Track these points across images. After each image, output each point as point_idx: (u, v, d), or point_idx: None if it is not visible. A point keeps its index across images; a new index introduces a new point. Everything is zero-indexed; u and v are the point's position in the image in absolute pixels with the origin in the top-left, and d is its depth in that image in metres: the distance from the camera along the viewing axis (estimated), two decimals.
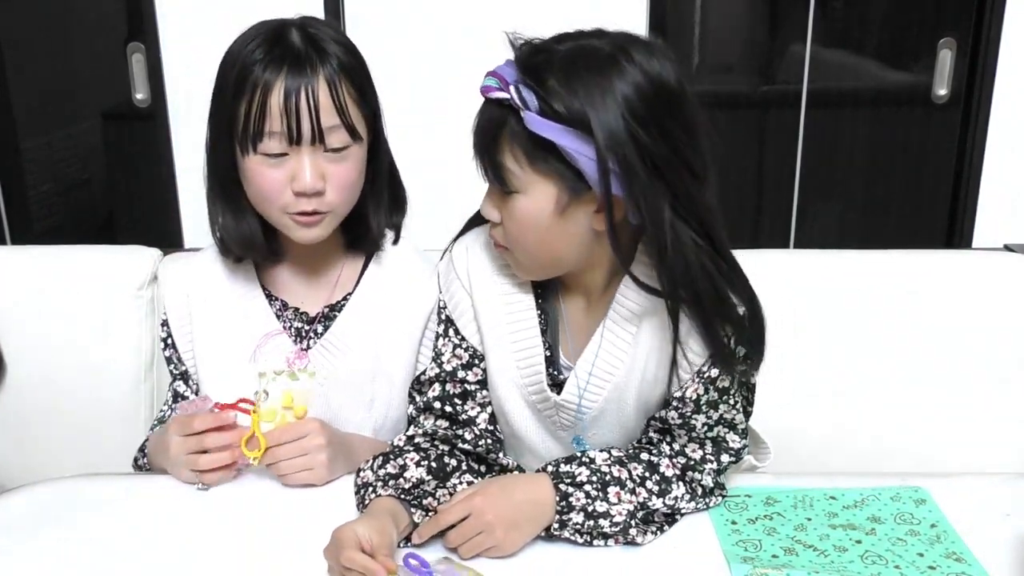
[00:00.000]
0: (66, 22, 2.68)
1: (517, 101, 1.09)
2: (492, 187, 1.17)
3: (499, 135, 1.12)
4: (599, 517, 1.13)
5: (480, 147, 1.15)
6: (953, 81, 2.61)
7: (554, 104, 1.08)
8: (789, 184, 2.72)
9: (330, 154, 1.27)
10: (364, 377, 1.39)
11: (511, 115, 1.10)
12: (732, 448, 1.23)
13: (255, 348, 1.39)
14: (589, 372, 1.22)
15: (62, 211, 2.86)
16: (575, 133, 1.08)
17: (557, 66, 1.09)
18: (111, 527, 1.21)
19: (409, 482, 1.17)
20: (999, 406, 1.60)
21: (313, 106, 1.24)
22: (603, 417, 1.24)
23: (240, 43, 1.28)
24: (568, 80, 1.08)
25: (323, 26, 1.32)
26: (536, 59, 1.11)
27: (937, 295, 1.61)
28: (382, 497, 1.16)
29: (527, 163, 1.11)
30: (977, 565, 1.10)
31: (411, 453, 1.21)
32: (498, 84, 1.11)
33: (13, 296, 1.62)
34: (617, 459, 1.18)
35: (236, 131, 1.26)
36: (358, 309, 1.40)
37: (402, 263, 1.43)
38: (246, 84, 1.24)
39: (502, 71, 1.12)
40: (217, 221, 1.37)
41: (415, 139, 2.53)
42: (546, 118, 1.08)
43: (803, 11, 2.60)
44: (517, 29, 1.17)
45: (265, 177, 1.27)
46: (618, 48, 1.10)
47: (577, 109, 1.07)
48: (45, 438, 1.63)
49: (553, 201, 1.13)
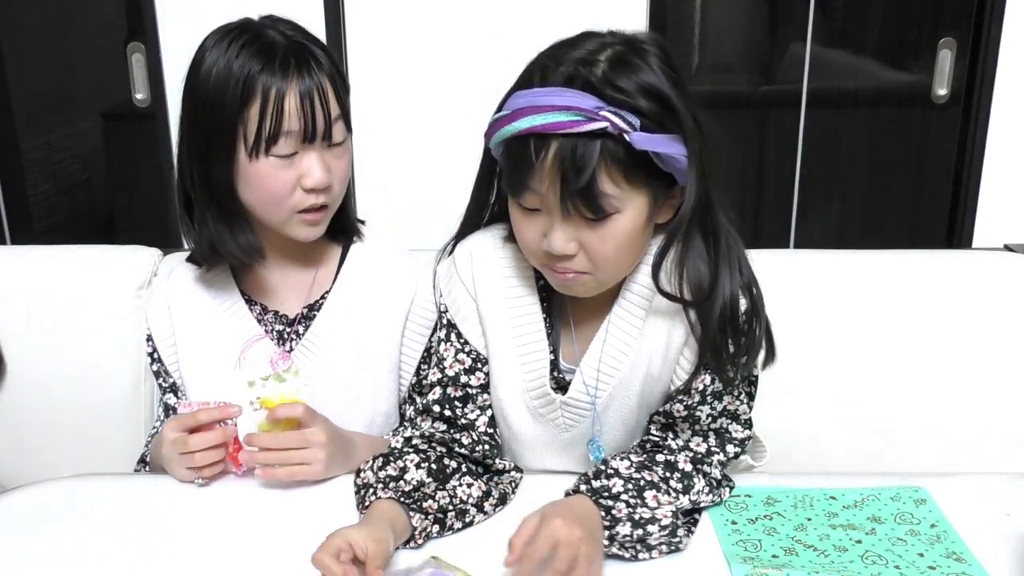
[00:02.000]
0: (66, 22, 2.68)
1: (622, 126, 1.05)
2: (571, 219, 1.10)
3: (595, 166, 1.06)
4: (646, 524, 1.11)
5: (567, 184, 1.07)
6: (953, 81, 2.61)
7: (652, 116, 1.07)
8: (789, 184, 2.72)
9: (333, 149, 1.31)
10: (348, 372, 1.39)
11: (605, 141, 1.06)
12: (737, 439, 1.23)
13: (239, 354, 1.40)
14: (596, 369, 1.22)
15: (62, 211, 2.87)
16: (673, 136, 1.08)
17: (622, 75, 1.07)
18: (111, 527, 1.21)
19: (410, 484, 1.16)
20: (999, 406, 1.60)
21: (324, 103, 1.28)
22: (607, 413, 1.25)
23: (219, 56, 1.28)
24: (642, 88, 1.07)
25: (291, 22, 1.34)
26: (595, 74, 1.07)
27: (937, 295, 1.61)
28: (382, 500, 1.15)
29: (625, 181, 1.08)
30: (977, 565, 1.10)
31: (411, 455, 1.20)
32: (582, 116, 1.05)
33: (13, 296, 1.62)
34: (638, 464, 1.17)
35: (246, 139, 1.27)
36: (337, 306, 1.41)
37: (377, 255, 1.44)
38: (254, 92, 1.26)
39: (571, 100, 1.06)
40: (205, 232, 1.36)
41: (415, 139, 2.53)
42: (650, 132, 1.07)
43: (803, 11, 2.60)
44: (517, 30, 1.16)
45: (276, 179, 1.29)
46: (628, 40, 1.12)
47: (667, 113, 1.07)
48: (45, 438, 1.63)
49: (647, 210, 1.12)
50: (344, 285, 1.42)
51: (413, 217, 1.46)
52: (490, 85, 1.17)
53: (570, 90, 1.06)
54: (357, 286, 1.42)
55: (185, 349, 1.43)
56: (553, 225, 1.11)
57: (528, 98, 1.08)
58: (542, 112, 1.06)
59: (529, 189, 1.10)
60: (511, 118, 1.09)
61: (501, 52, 2.36)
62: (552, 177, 1.07)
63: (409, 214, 1.53)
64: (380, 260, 1.44)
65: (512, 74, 1.15)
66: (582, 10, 2.28)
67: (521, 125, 1.07)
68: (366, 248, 1.45)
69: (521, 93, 1.10)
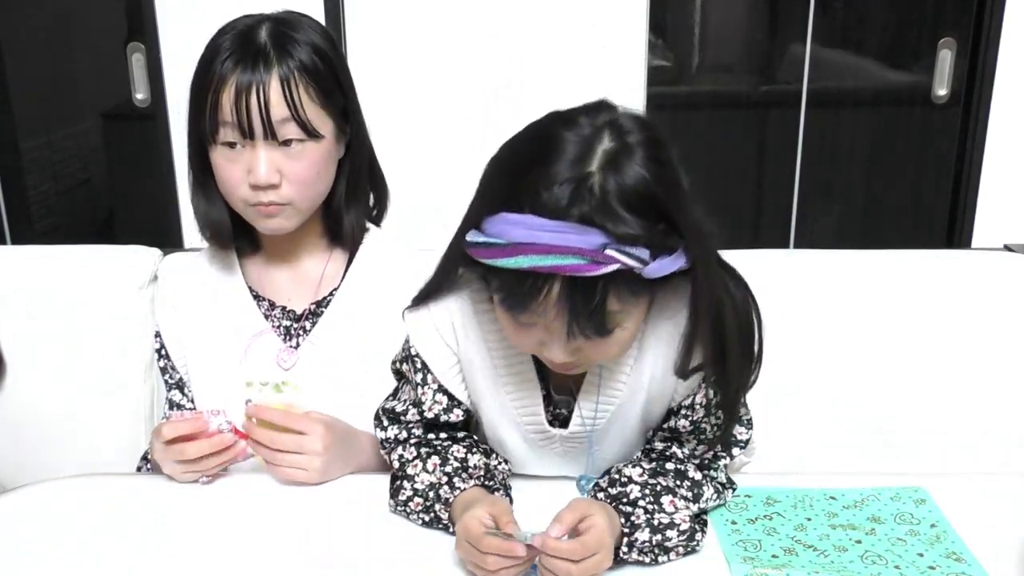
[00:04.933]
0: (66, 22, 2.68)
1: (632, 264, 0.99)
2: (573, 340, 1.04)
3: (601, 297, 1.00)
4: (666, 529, 1.10)
5: (574, 315, 1.01)
6: (953, 81, 2.61)
7: (658, 243, 1.00)
8: (789, 184, 2.72)
9: (286, 149, 1.30)
10: (355, 370, 1.39)
11: (612, 274, 0.99)
12: (741, 441, 1.23)
13: (245, 349, 1.40)
14: (595, 401, 1.20)
15: (62, 211, 2.87)
16: (678, 253, 1.02)
17: (621, 202, 0.98)
18: (111, 527, 1.20)
19: (480, 469, 1.19)
20: (999, 406, 1.60)
21: (263, 103, 1.26)
22: (606, 436, 1.23)
23: (219, 33, 1.32)
24: (637, 204, 0.99)
25: (300, 24, 1.33)
26: (592, 202, 0.98)
27: (937, 295, 1.61)
28: (465, 492, 1.15)
29: (631, 295, 1.03)
30: (977, 565, 1.10)
31: (453, 445, 1.22)
32: (587, 260, 0.97)
33: (13, 296, 1.62)
34: (651, 471, 1.17)
35: (202, 122, 1.29)
36: (344, 304, 1.41)
37: (387, 254, 1.44)
38: (207, 76, 1.28)
39: (574, 240, 0.97)
40: (193, 201, 1.40)
41: (415, 139, 2.53)
42: (658, 259, 1.01)
43: (803, 11, 2.60)
44: (517, 30, 1.15)
45: (226, 169, 1.31)
46: (613, 133, 1.02)
47: (671, 230, 1.01)
48: (45, 438, 1.63)
49: (646, 310, 1.10)
50: (353, 283, 1.42)
51: (413, 217, 1.45)
52: (490, 85, 1.17)
53: (570, 225, 0.97)
54: (366, 284, 1.42)
55: (192, 344, 1.42)
56: (552, 339, 1.06)
57: (523, 231, 0.98)
58: (542, 254, 0.98)
59: (530, 312, 1.04)
60: (508, 252, 1.00)
61: (501, 52, 2.36)
62: (557, 308, 1.01)
63: (409, 214, 1.53)
64: (390, 259, 1.44)
65: (512, 74, 1.14)
66: (582, 10, 2.28)
67: (522, 263, 0.99)
68: (376, 247, 1.45)
69: (512, 220, 0.99)
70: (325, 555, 1.13)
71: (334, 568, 1.11)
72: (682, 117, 2.71)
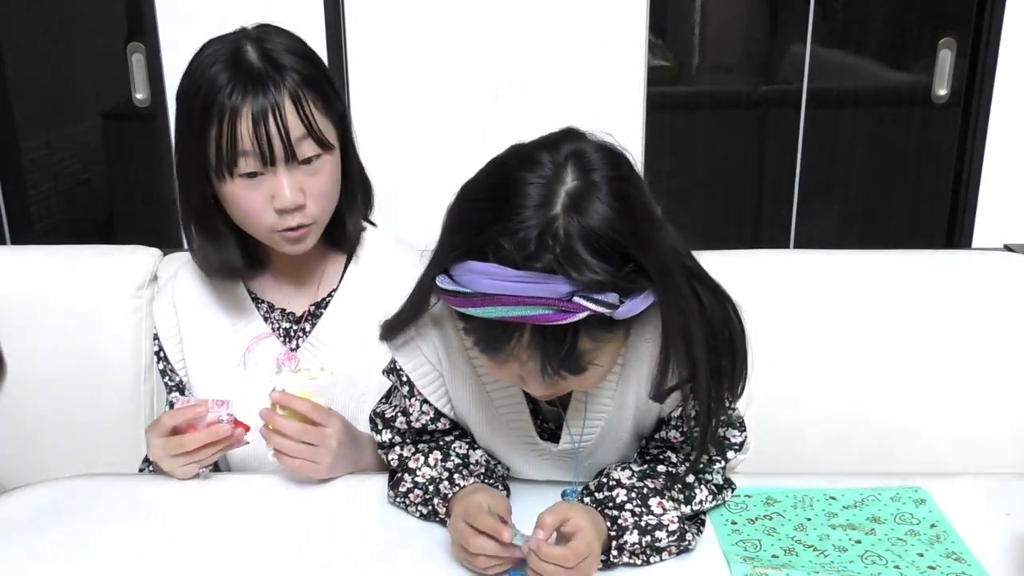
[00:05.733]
0: (66, 22, 2.68)
1: (601, 311, 0.96)
2: (549, 378, 1.03)
3: (572, 342, 0.99)
4: (654, 530, 1.11)
5: (547, 358, 1.00)
6: (953, 81, 2.61)
7: (626, 287, 0.98)
8: (789, 184, 2.72)
9: (305, 167, 1.29)
10: (355, 371, 1.39)
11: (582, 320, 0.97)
12: (736, 444, 1.23)
13: (244, 352, 1.39)
14: (583, 416, 1.19)
15: (62, 211, 2.86)
16: (647, 292, 1.00)
17: (587, 248, 0.96)
18: (111, 527, 1.21)
19: (481, 466, 1.21)
20: (999, 406, 1.60)
21: (282, 126, 1.25)
22: (599, 449, 1.23)
23: (198, 68, 1.28)
24: (602, 248, 0.96)
25: (277, 36, 1.32)
26: (556, 249, 0.95)
27: (937, 295, 1.61)
28: (465, 488, 1.16)
29: (605, 332, 1.01)
30: (977, 565, 1.10)
31: (455, 441, 1.25)
32: (555, 309, 0.95)
33: (13, 296, 1.62)
34: (640, 473, 1.17)
35: (209, 159, 1.26)
36: (343, 304, 1.41)
37: (383, 253, 1.44)
38: (212, 111, 1.25)
39: (540, 290, 0.95)
40: (194, 247, 1.38)
41: (414, 139, 2.53)
42: (629, 299, 0.98)
43: (803, 11, 2.60)
44: (517, 30, 1.14)
45: (246, 200, 1.29)
46: (575, 172, 0.99)
47: (638, 269, 0.98)
48: (45, 438, 1.63)
49: (624, 340, 1.08)
50: (351, 283, 1.42)
51: (413, 217, 1.45)
52: (490, 85, 1.16)
53: (535, 275, 0.95)
54: (364, 284, 1.42)
55: (191, 347, 1.43)
56: (529, 375, 1.04)
57: (489, 282, 0.96)
58: (509, 305, 0.96)
59: (504, 355, 1.02)
60: (475, 302, 0.98)
61: (501, 52, 2.36)
62: (529, 352, 1.00)
63: (409, 214, 1.53)
64: (388, 259, 1.44)
65: (512, 74, 1.14)
66: (582, 10, 2.28)
67: (490, 313, 0.97)
68: (374, 247, 1.45)
69: (479, 269, 0.97)
70: (325, 555, 1.14)
71: (334, 568, 1.12)
72: (682, 117, 2.71)
